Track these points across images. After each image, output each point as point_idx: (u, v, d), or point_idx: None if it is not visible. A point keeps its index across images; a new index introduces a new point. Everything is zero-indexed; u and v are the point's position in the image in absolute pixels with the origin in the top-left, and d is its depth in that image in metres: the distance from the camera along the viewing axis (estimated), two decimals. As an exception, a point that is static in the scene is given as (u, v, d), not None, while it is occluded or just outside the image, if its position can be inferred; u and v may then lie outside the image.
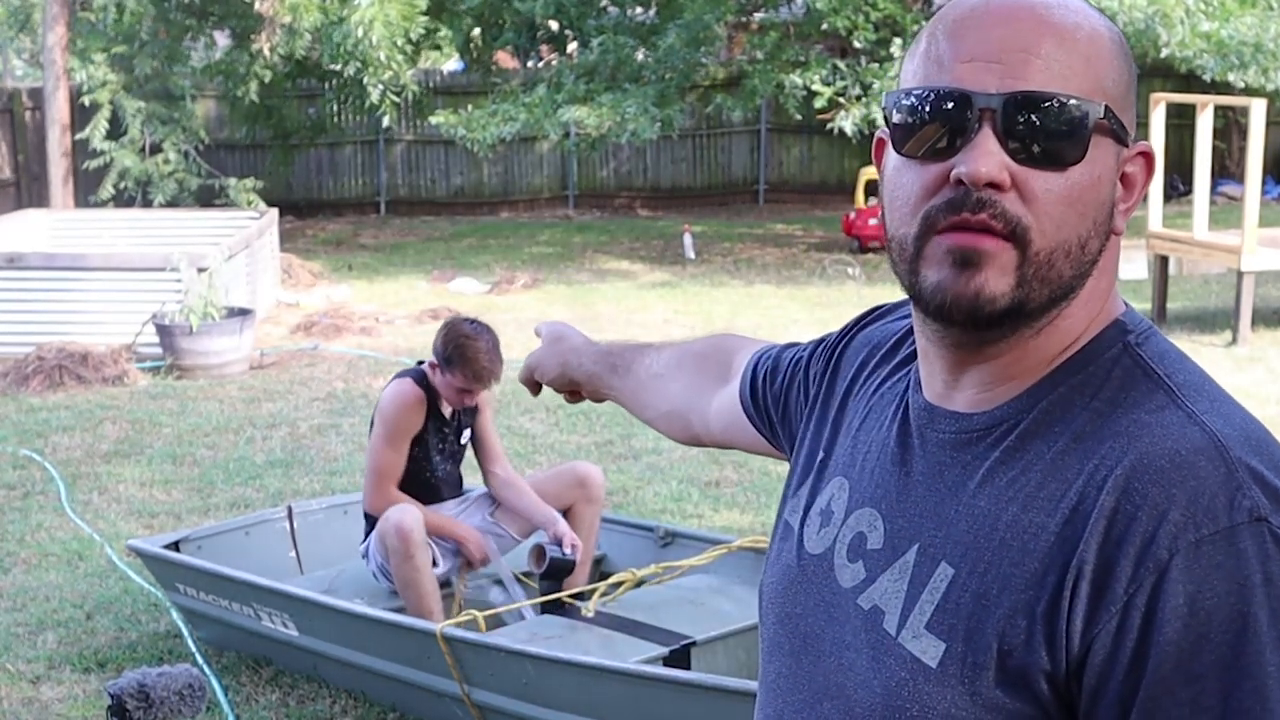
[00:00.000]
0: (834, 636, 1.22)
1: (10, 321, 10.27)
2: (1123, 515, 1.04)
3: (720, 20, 14.07)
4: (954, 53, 1.12)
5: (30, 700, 4.70)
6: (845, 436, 1.33)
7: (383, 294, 12.96)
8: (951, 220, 1.10)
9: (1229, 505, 1.02)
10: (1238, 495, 1.03)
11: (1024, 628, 1.06)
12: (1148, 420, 1.08)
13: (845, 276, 13.37)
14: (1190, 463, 1.04)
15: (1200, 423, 1.07)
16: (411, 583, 4.68)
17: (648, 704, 3.90)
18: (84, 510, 6.69)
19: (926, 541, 1.15)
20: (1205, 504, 1.02)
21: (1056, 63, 1.10)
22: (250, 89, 14.74)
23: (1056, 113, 1.09)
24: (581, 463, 5.48)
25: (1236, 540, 1.01)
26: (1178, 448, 1.05)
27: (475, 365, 4.76)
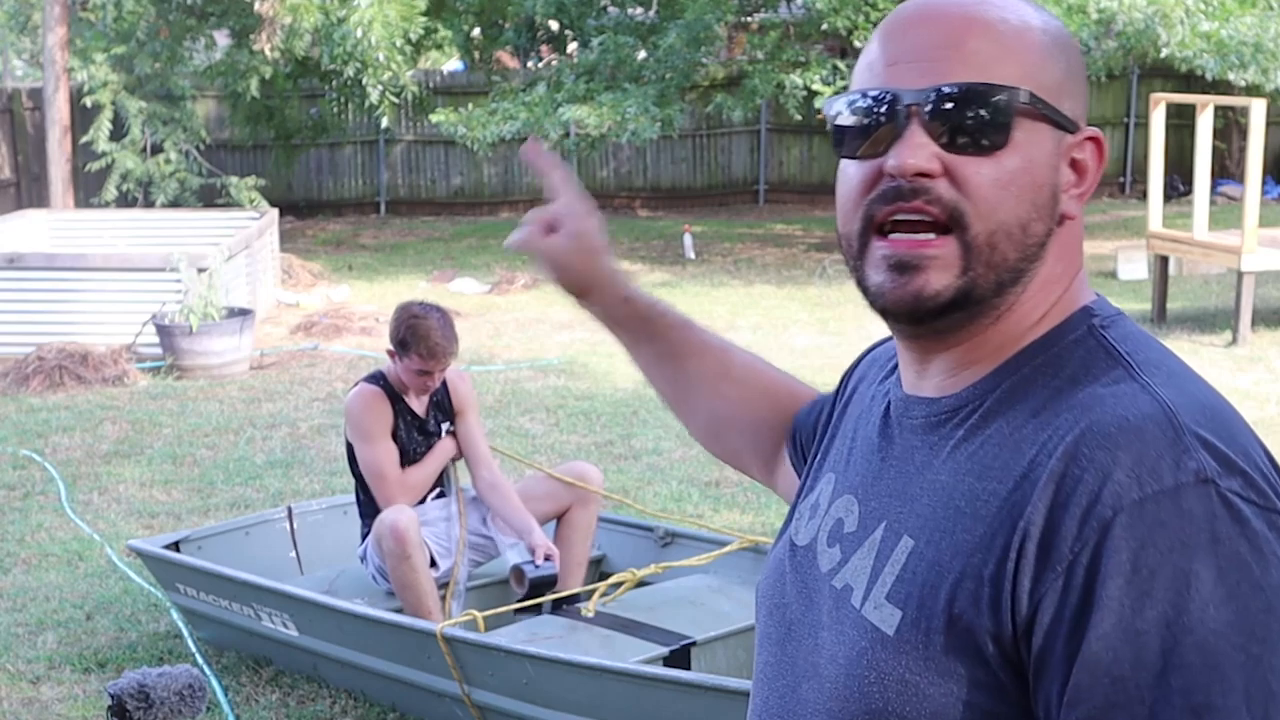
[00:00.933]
0: (811, 619, 1.25)
1: (10, 321, 10.27)
2: (1069, 478, 1.05)
3: (720, 20, 14.07)
4: (884, 57, 1.18)
5: (30, 700, 4.70)
6: (840, 440, 1.38)
7: (383, 294, 12.95)
8: (886, 210, 1.16)
9: (1174, 466, 1.03)
10: (1184, 457, 1.04)
11: (971, 591, 1.08)
12: (1102, 393, 1.10)
13: (845, 277, 13.33)
14: (1138, 427, 1.06)
15: (1153, 393, 1.09)
16: (409, 584, 4.68)
17: (648, 704, 3.90)
18: (84, 510, 6.70)
19: (893, 519, 1.19)
20: (1150, 465, 1.04)
21: (977, 55, 1.15)
22: (251, 85, 14.74)
23: (976, 101, 1.14)
24: (581, 463, 5.48)
25: (1181, 499, 1.02)
26: (1126, 414, 1.07)
27: (429, 342, 4.80)
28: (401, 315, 4.90)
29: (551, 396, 8.73)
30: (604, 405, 8.58)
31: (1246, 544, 1.02)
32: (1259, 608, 1.01)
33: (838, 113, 1.20)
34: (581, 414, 8.37)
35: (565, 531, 5.07)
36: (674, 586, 4.91)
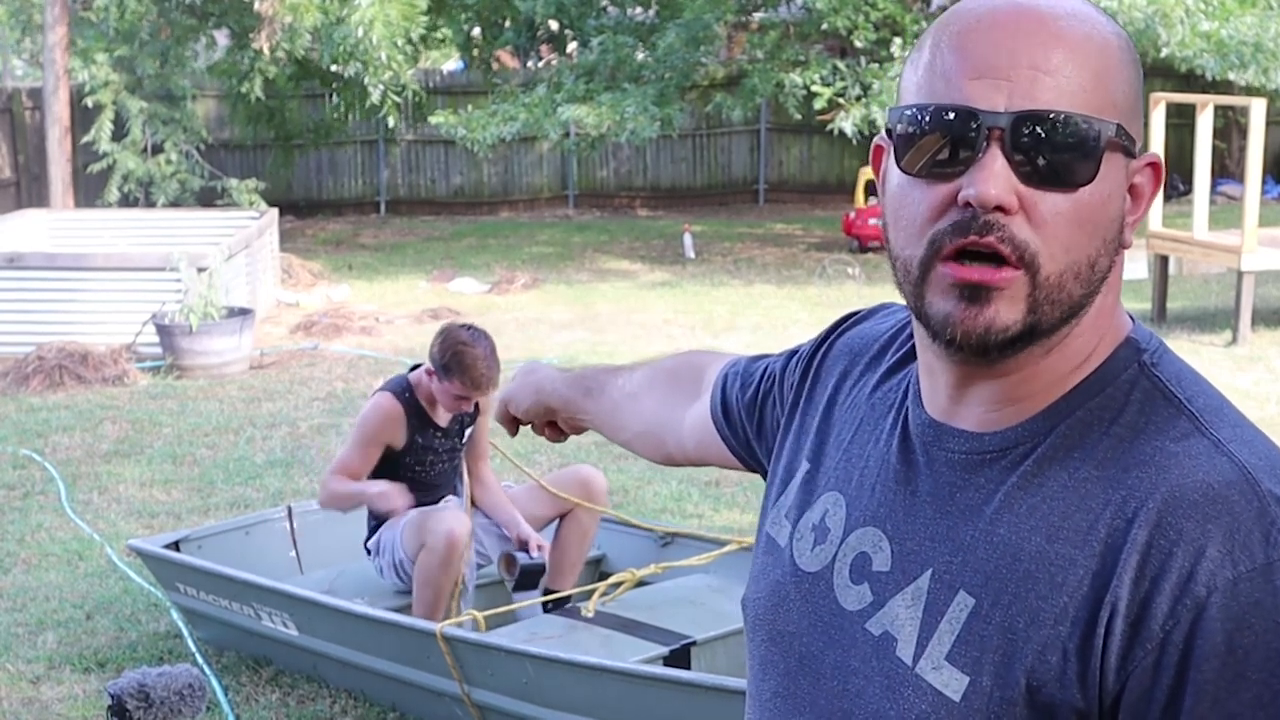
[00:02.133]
0: (836, 660, 1.18)
1: (10, 321, 10.27)
2: (1157, 550, 1.02)
3: (720, 20, 14.07)
4: (960, 68, 1.08)
5: (30, 700, 4.70)
6: (835, 449, 1.28)
7: (383, 294, 12.96)
8: (958, 243, 1.08)
9: (1265, 540, 1.01)
10: (1273, 530, 1.01)
11: (1055, 664, 1.04)
12: (1174, 449, 1.06)
13: (845, 276, 13.36)
14: (1223, 496, 1.03)
15: (1228, 453, 1.06)
16: (436, 585, 4.67)
17: (648, 704, 3.90)
18: (84, 510, 6.69)
19: (941, 567, 1.12)
20: (1242, 539, 1.01)
21: (1067, 79, 1.06)
22: (254, 85, 14.74)
23: (1067, 133, 1.06)
24: (585, 466, 5.47)
25: (1274, 577, 1.00)
26: (1209, 480, 1.04)
27: (473, 373, 4.75)
28: (448, 339, 4.79)
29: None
30: (604, 405, 8.57)
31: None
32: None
33: (905, 124, 1.11)
34: (581, 414, 8.36)
35: (565, 532, 5.07)
36: (674, 586, 4.92)
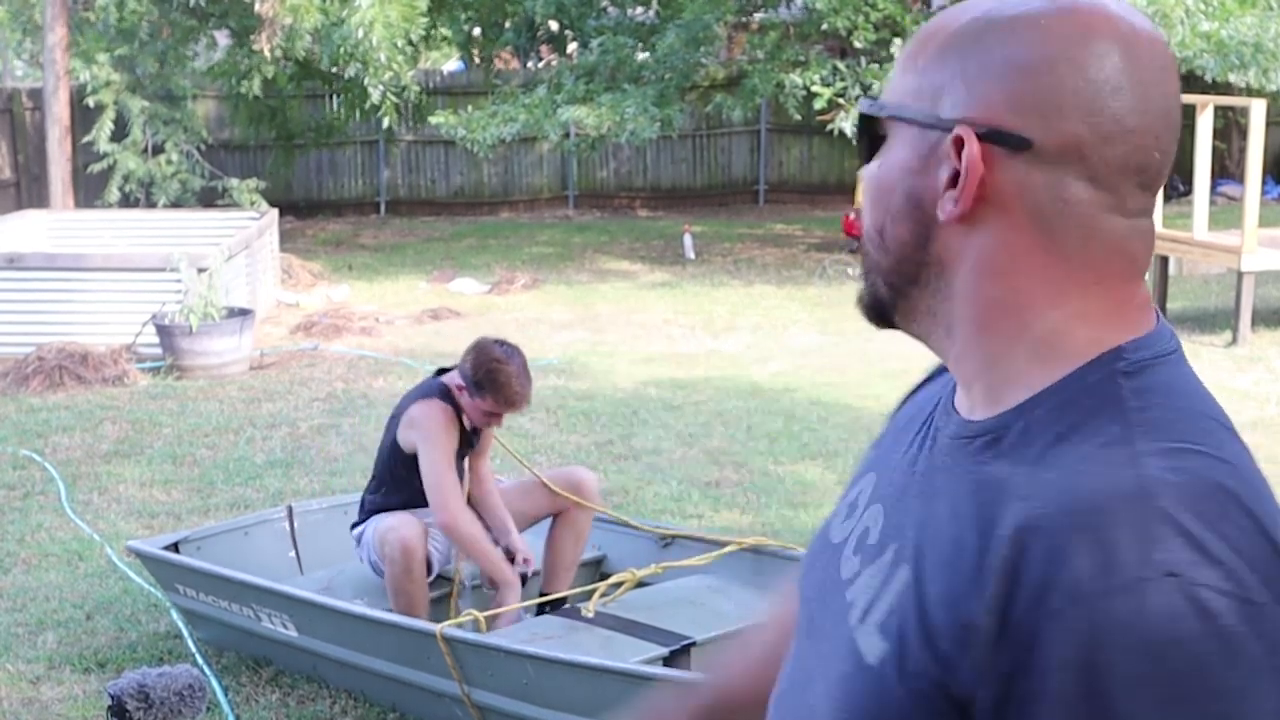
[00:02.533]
0: (822, 624, 1.23)
1: (10, 321, 10.27)
2: (1030, 554, 1.00)
3: (720, 20, 14.07)
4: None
5: (30, 700, 4.70)
6: (893, 430, 1.35)
7: (383, 294, 12.96)
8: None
9: (1139, 558, 0.96)
10: (1151, 548, 0.96)
11: (944, 649, 1.05)
12: (1089, 455, 1.03)
13: (845, 276, 13.36)
14: (1105, 508, 0.99)
15: (1138, 465, 1.01)
16: (404, 591, 4.71)
17: (648, 704, 3.90)
18: (84, 510, 6.69)
19: (902, 543, 1.15)
20: (1112, 555, 0.97)
21: (899, 73, 1.17)
22: (254, 85, 14.74)
23: (860, 116, 1.20)
24: (579, 468, 5.47)
25: (1143, 596, 0.96)
26: (1099, 489, 1.00)
27: (507, 391, 4.72)
28: (483, 356, 4.75)
29: (551, 396, 8.73)
30: (604, 405, 8.58)
31: (1215, 643, 0.95)
32: (1217, 713, 0.95)
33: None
34: (581, 414, 8.37)
35: (559, 532, 5.08)
36: (674, 587, 4.92)
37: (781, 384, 9.17)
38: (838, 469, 7.20)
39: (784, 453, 7.51)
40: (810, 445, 7.65)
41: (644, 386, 9.14)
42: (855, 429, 7.91)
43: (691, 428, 8.06)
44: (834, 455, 7.44)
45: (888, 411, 1.44)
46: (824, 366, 9.71)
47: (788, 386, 9.08)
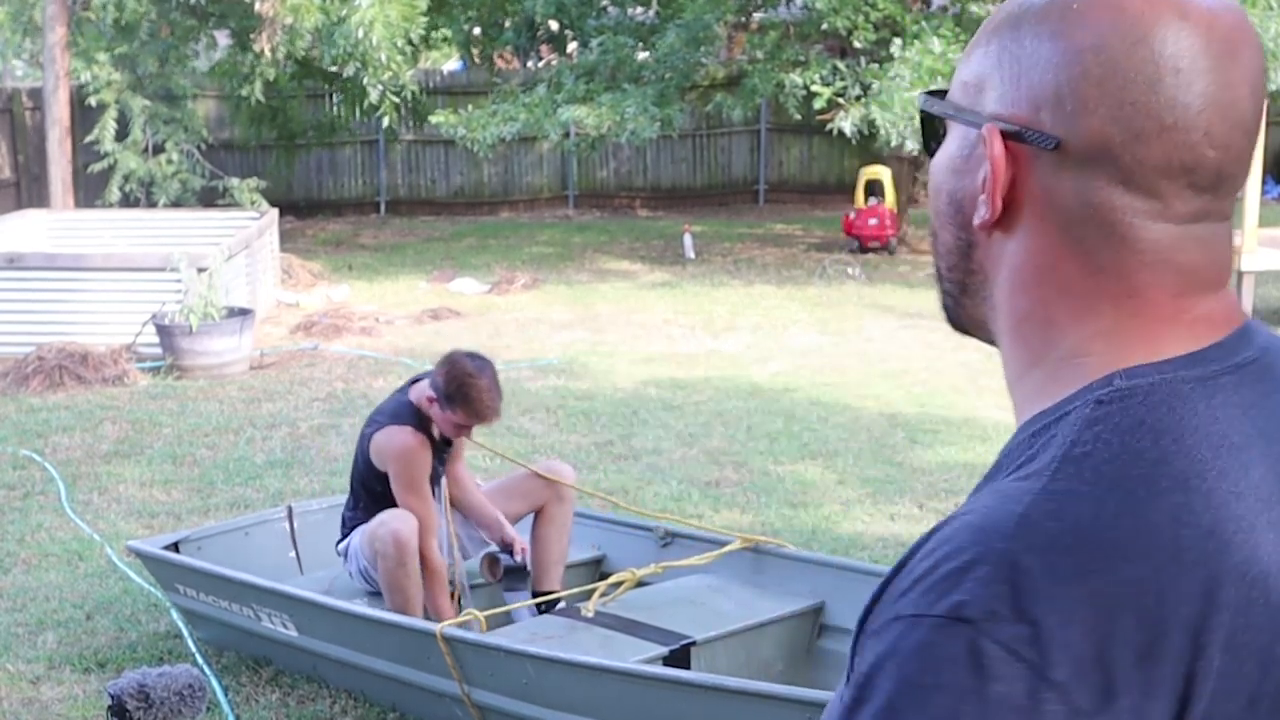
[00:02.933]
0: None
1: (10, 321, 10.27)
2: (901, 566, 0.96)
3: (720, 20, 14.07)
4: None
5: (30, 700, 4.70)
6: None
7: (383, 294, 12.96)
8: None
9: (945, 592, 0.90)
10: (960, 586, 0.89)
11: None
12: (1010, 485, 0.95)
13: (845, 276, 13.36)
14: (955, 539, 0.92)
15: (1026, 498, 0.92)
16: (400, 588, 4.70)
17: (648, 704, 3.91)
18: (84, 510, 6.69)
19: None
20: (930, 584, 0.91)
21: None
22: (255, 88, 14.75)
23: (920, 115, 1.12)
24: (557, 460, 5.52)
25: (925, 630, 0.89)
26: (969, 520, 0.93)
27: (479, 406, 4.76)
28: (453, 370, 4.78)
29: (551, 396, 8.73)
30: (604, 405, 8.58)
31: (974, 701, 0.87)
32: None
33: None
34: (581, 414, 8.37)
35: (542, 529, 5.09)
36: (674, 586, 4.92)
37: (781, 384, 9.17)
38: (838, 469, 7.20)
39: (784, 453, 7.51)
40: (810, 445, 7.65)
41: (644, 386, 9.14)
42: (855, 429, 7.91)
43: (691, 428, 8.06)
44: (834, 455, 7.44)
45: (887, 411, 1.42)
46: (824, 366, 9.71)
47: (788, 386, 9.08)
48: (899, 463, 7.27)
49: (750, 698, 3.69)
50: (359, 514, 4.98)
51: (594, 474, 7.08)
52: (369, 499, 4.94)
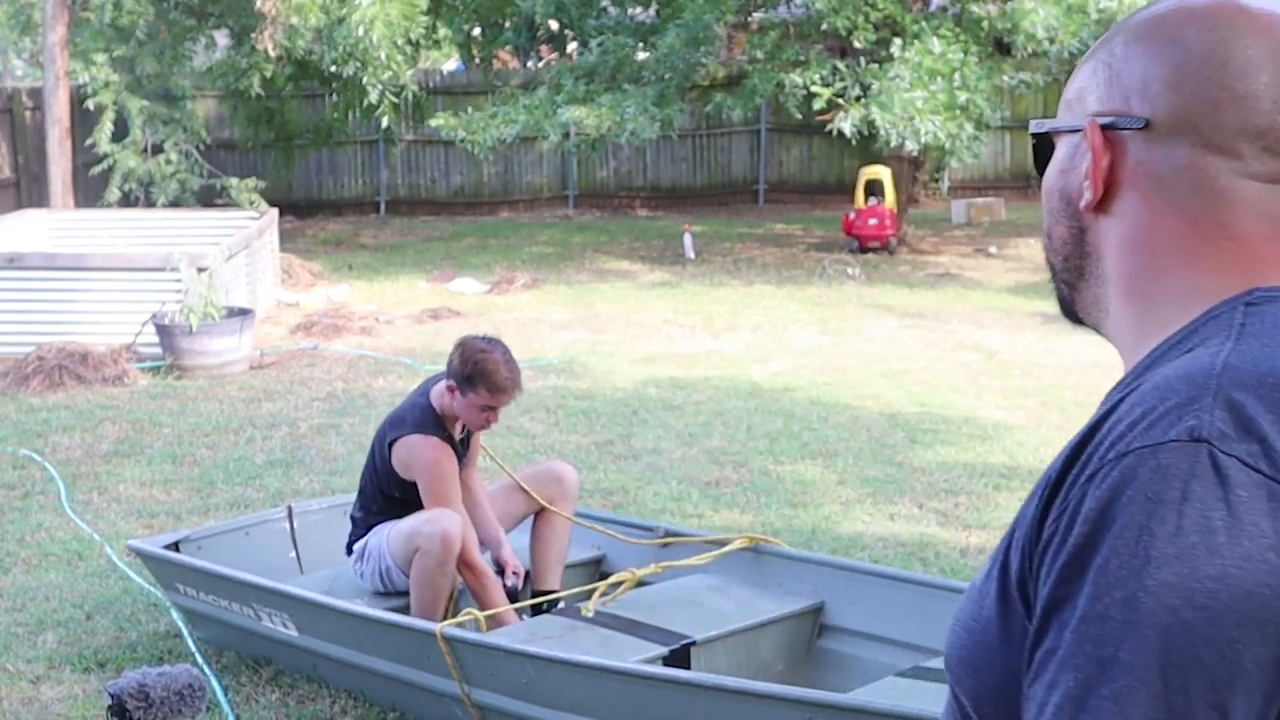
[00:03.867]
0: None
1: (10, 321, 10.27)
2: (1098, 430, 1.06)
3: (720, 20, 14.07)
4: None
5: (30, 700, 4.70)
6: None
7: (383, 294, 12.96)
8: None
9: (1174, 422, 1.01)
10: (1188, 415, 1.01)
11: (1019, 542, 1.09)
12: (1190, 355, 1.09)
13: (845, 276, 13.36)
14: (1169, 384, 1.05)
15: (1219, 351, 1.07)
16: (433, 585, 4.67)
17: (648, 704, 3.91)
18: (84, 510, 6.69)
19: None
20: (1154, 419, 1.02)
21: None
22: (254, 83, 14.74)
23: (1032, 138, 1.28)
24: (558, 461, 5.53)
25: (1161, 455, 1.00)
26: (1174, 371, 1.06)
27: (497, 377, 4.75)
28: (466, 352, 4.80)
29: (551, 396, 8.73)
30: (604, 405, 8.58)
31: (1225, 510, 0.97)
32: (1210, 574, 0.96)
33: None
34: (581, 414, 8.37)
35: (542, 530, 5.09)
36: (674, 586, 4.92)
37: (781, 384, 9.17)
38: (838, 468, 7.20)
39: (784, 452, 7.51)
40: (810, 445, 7.65)
41: (644, 386, 9.14)
42: (855, 429, 7.91)
43: (691, 428, 8.06)
44: (834, 455, 7.44)
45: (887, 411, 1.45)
46: (824, 366, 9.70)
47: (788, 386, 9.08)
48: (899, 462, 7.27)
49: (750, 698, 3.69)
50: (374, 516, 4.97)
51: (594, 474, 7.08)
52: (384, 501, 4.94)
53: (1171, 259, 1.16)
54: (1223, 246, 1.14)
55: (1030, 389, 8.72)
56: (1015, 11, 12.68)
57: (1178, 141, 1.14)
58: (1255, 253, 1.14)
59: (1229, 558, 0.97)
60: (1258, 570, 0.97)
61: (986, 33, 13.37)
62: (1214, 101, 1.13)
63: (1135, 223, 1.17)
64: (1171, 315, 1.15)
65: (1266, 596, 0.96)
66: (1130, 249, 1.18)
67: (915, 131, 12.36)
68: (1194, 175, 1.14)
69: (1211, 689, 0.96)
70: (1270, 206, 1.14)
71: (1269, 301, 1.12)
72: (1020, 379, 9.06)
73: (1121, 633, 0.97)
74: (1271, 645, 0.97)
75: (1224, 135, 1.13)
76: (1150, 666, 0.96)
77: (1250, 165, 1.13)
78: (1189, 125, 1.14)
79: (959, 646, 1.15)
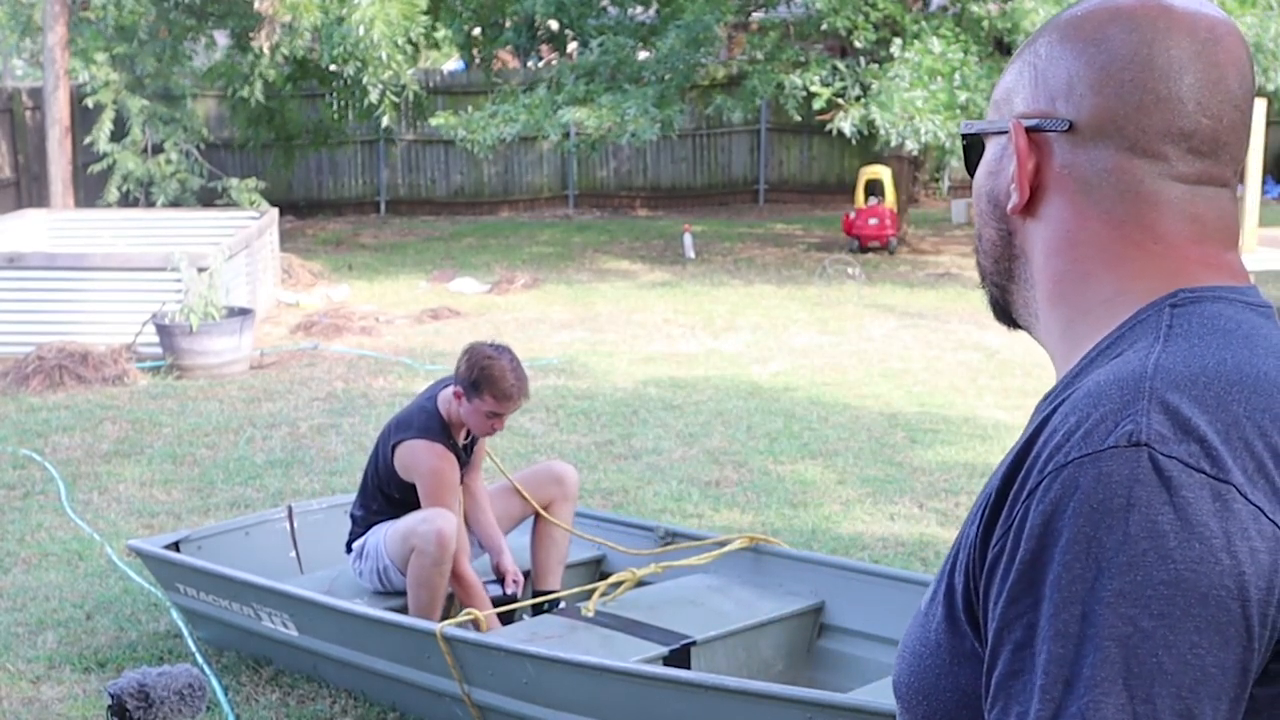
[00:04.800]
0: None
1: (10, 321, 10.27)
2: (1037, 441, 1.04)
3: (720, 20, 14.07)
4: None
5: (30, 700, 4.70)
6: None
7: (383, 294, 12.96)
8: None
9: (1111, 428, 1.00)
10: (1125, 420, 1.00)
11: (961, 557, 1.08)
12: (1120, 360, 1.08)
13: (845, 276, 13.36)
14: (1103, 390, 1.03)
15: (1149, 355, 1.05)
16: (431, 585, 4.68)
17: (648, 704, 3.91)
18: (84, 510, 6.69)
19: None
20: (1091, 427, 1.01)
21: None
22: (255, 89, 14.74)
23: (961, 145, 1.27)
24: (558, 461, 5.55)
25: (1103, 463, 0.98)
26: (1106, 376, 1.05)
27: (504, 384, 4.75)
28: (473, 358, 4.80)
29: (551, 396, 8.73)
30: (604, 405, 8.58)
31: (1171, 513, 0.96)
32: (1163, 580, 0.95)
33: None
34: (581, 413, 8.37)
35: (542, 530, 5.09)
36: (674, 586, 4.92)
37: (781, 384, 9.17)
38: (838, 468, 7.20)
39: (784, 452, 7.51)
40: (810, 445, 7.65)
41: (644, 386, 9.13)
42: (855, 429, 7.91)
43: (691, 428, 8.06)
44: (834, 455, 7.44)
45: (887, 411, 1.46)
46: (824, 366, 9.70)
47: (788, 386, 9.08)
48: (899, 462, 7.27)
49: (750, 698, 3.69)
50: (374, 515, 4.97)
51: (594, 474, 7.08)
52: (385, 502, 4.94)
53: (1096, 262, 1.15)
54: (1148, 250, 1.13)
55: (1030, 389, 8.72)
56: (1015, 11, 12.67)
57: (1102, 144, 1.13)
58: (1180, 255, 1.13)
59: (1181, 561, 0.95)
60: (1212, 572, 0.95)
61: (986, 32, 13.36)
62: (1138, 104, 1.12)
63: (1060, 226, 1.16)
64: (1100, 320, 1.14)
65: (1224, 598, 0.95)
66: (1056, 252, 1.16)
67: (915, 131, 12.35)
68: (1119, 178, 1.13)
69: (1177, 696, 0.94)
70: (1194, 208, 1.13)
71: (1194, 302, 1.11)
72: (1020, 379, 9.06)
73: (1081, 648, 0.96)
74: (1234, 648, 0.96)
75: (1149, 138, 1.12)
76: (1114, 679, 0.95)
77: (1175, 167, 1.12)
78: (1114, 128, 1.13)
79: (908, 673, 1.13)
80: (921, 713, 1.12)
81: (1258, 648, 0.97)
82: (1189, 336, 1.07)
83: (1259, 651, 0.97)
